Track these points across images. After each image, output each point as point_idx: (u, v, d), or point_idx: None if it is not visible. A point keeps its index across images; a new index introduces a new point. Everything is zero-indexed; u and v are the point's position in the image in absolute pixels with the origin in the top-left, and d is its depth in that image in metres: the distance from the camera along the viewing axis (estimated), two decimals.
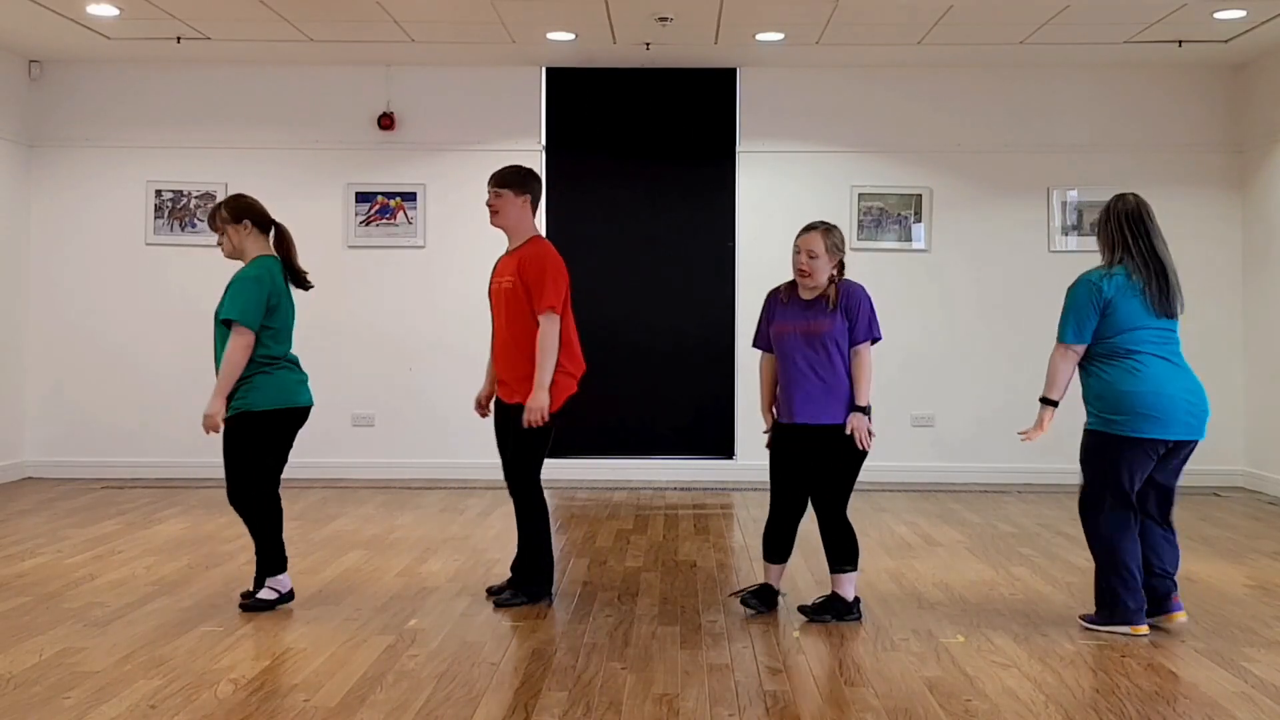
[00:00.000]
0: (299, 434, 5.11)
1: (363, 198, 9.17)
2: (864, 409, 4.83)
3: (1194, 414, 4.65)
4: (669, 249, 9.28)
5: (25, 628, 4.71)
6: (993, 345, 9.11)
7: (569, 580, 5.68)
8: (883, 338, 4.96)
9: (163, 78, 9.15)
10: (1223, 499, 8.33)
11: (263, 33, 8.22)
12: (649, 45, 8.49)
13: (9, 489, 8.51)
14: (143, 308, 9.14)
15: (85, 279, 9.17)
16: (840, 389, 4.84)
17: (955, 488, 8.77)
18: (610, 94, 9.25)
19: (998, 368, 9.07)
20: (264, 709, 3.78)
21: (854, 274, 5.13)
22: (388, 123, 9.11)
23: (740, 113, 9.19)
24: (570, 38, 8.33)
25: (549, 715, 3.74)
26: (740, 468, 8.96)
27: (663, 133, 9.25)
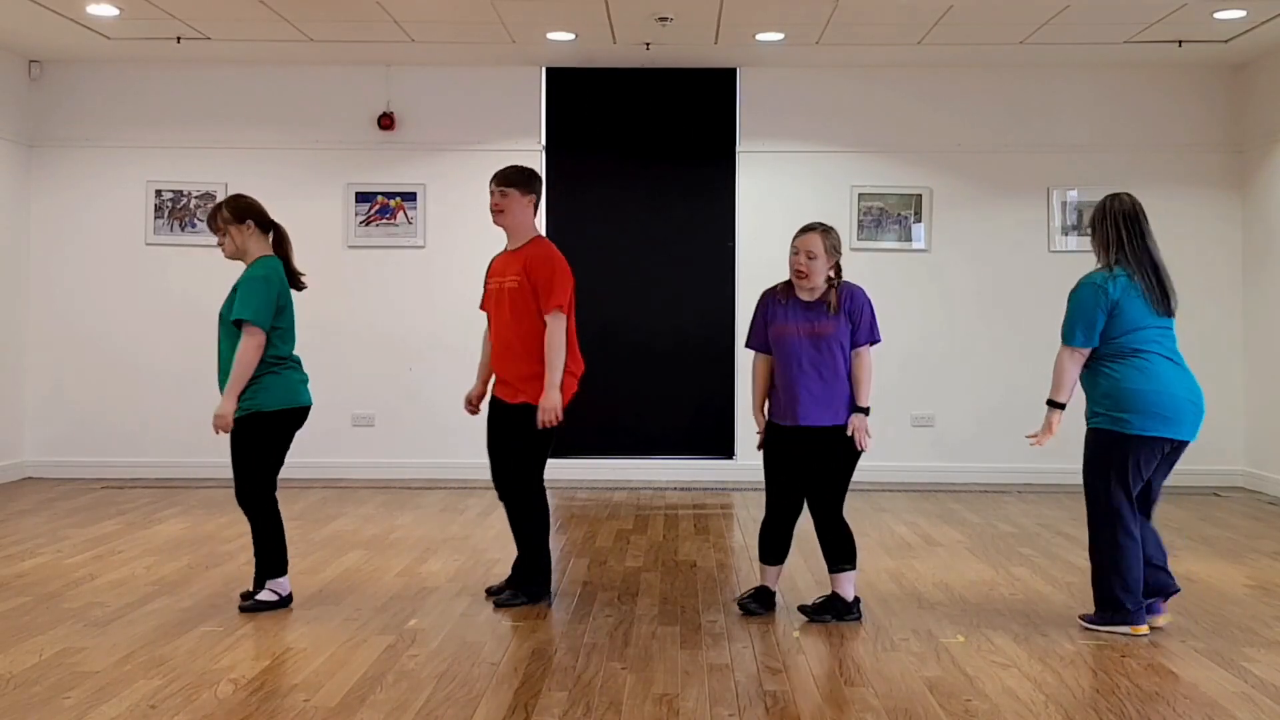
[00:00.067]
0: (298, 434, 5.11)
1: (363, 198, 9.17)
2: (865, 410, 4.88)
3: (1198, 414, 4.68)
4: (669, 249, 9.28)
5: (25, 628, 4.71)
6: (993, 345, 9.11)
7: (569, 580, 5.68)
8: (881, 340, 4.99)
9: (163, 78, 9.15)
10: (1223, 499, 8.33)
11: (263, 33, 8.22)
12: (649, 45, 8.49)
13: (9, 489, 8.51)
14: (143, 308, 9.14)
15: (85, 279, 9.16)
16: (842, 391, 4.88)
17: (955, 488, 8.77)
18: (610, 94, 9.25)
19: (998, 368, 9.08)
20: (264, 709, 3.78)
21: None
22: (388, 123, 9.11)
23: (740, 113, 9.19)
24: (570, 38, 8.33)
25: (549, 715, 3.74)
26: (740, 468, 8.96)
27: (663, 133, 9.25)
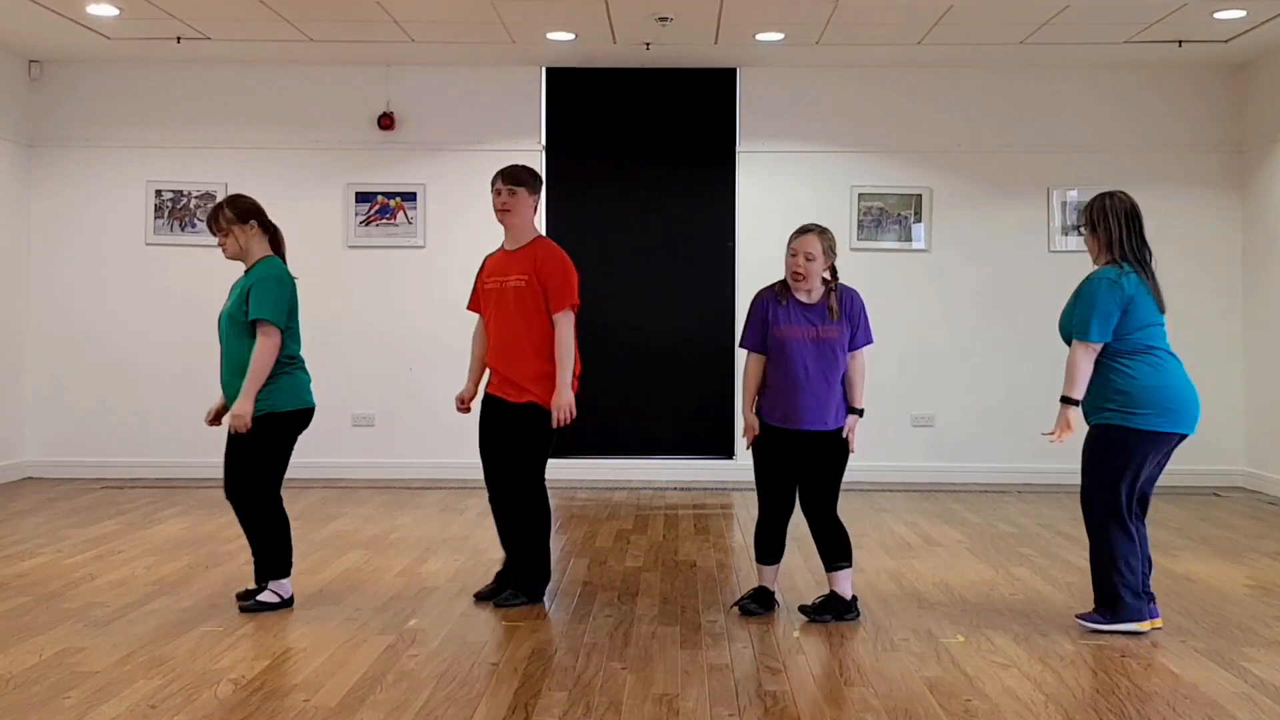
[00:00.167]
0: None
1: (363, 198, 9.17)
2: (860, 412, 4.96)
3: (1198, 408, 4.72)
4: (669, 249, 9.28)
5: (25, 628, 4.71)
6: (992, 345, 9.11)
7: (569, 580, 5.68)
8: (874, 341, 5.07)
9: (163, 78, 9.15)
10: (1223, 499, 8.33)
11: (263, 33, 8.22)
12: (649, 45, 8.49)
13: (9, 489, 8.51)
14: (143, 308, 9.14)
15: (85, 279, 9.16)
16: (840, 394, 4.94)
17: (955, 488, 8.77)
18: (610, 94, 9.25)
19: (998, 367, 9.08)
20: (264, 709, 3.78)
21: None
22: (388, 123, 9.11)
23: (740, 113, 9.19)
24: (570, 38, 8.33)
25: (549, 715, 3.74)
26: (740, 468, 8.95)
27: (663, 133, 9.25)
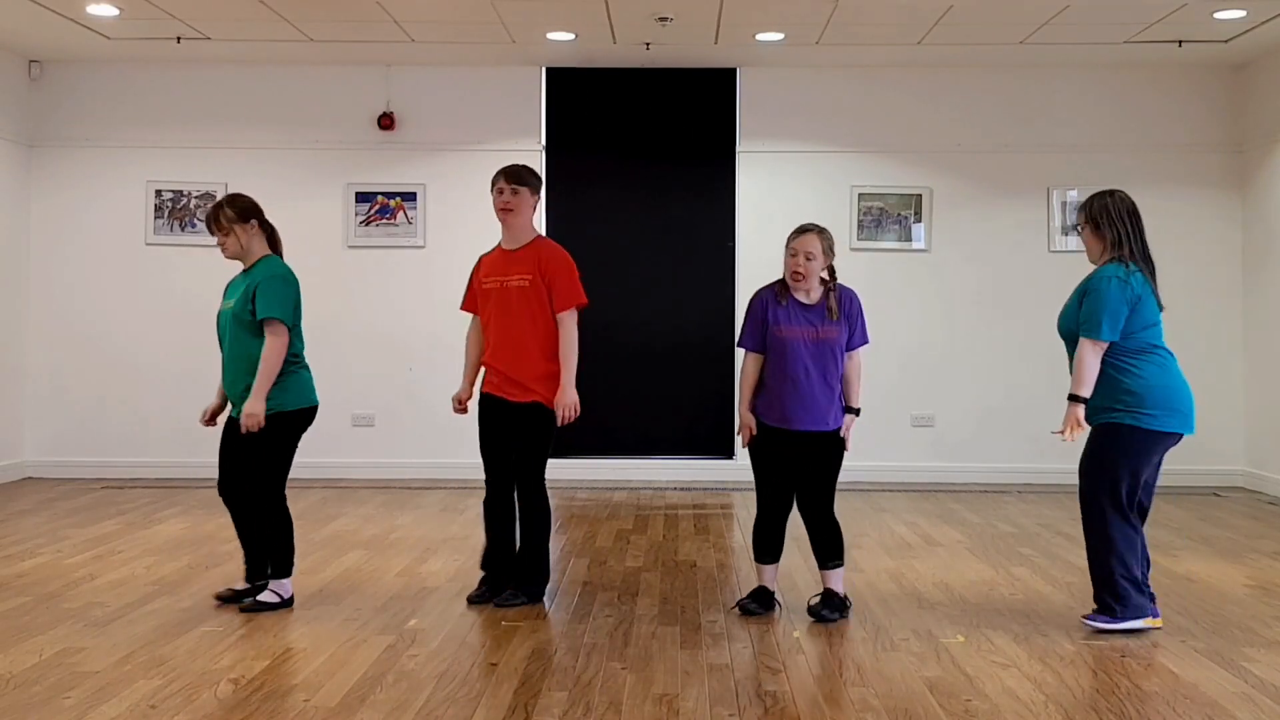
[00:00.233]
0: None
1: (363, 198, 9.17)
2: (857, 411, 5.00)
3: (1194, 407, 4.72)
4: (669, 249, 9.28)
5: (25, 628, 4.71)
6: (992, 345, 9.11)
7: (569, 580, 5.68)
8: (870, 342, 5.09)
9: (163, 78, 9.15)
10: (1223, 499, 8.33)
11: (263, 33, 8.22)
12: (649, 45, 8.49)
13: (9, 489, 8.51)
14: (143, 308, 9.13)
15: (85, 279, 9.16)
16: (838, 394, 4.96)
17: (955, 488, 8.77)
18: (610, 94, 9.25)
19: (997, 367, 9.08)
20: (264, 709, 3.78)
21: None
22: (388, 123, 9.11)
23: (740, 113, 9.19)
24: (570, 38, 8.33)
25: (549, 715, 3.74)
26: (740, 468, 8.92)
27: (663, 133, 9.25)
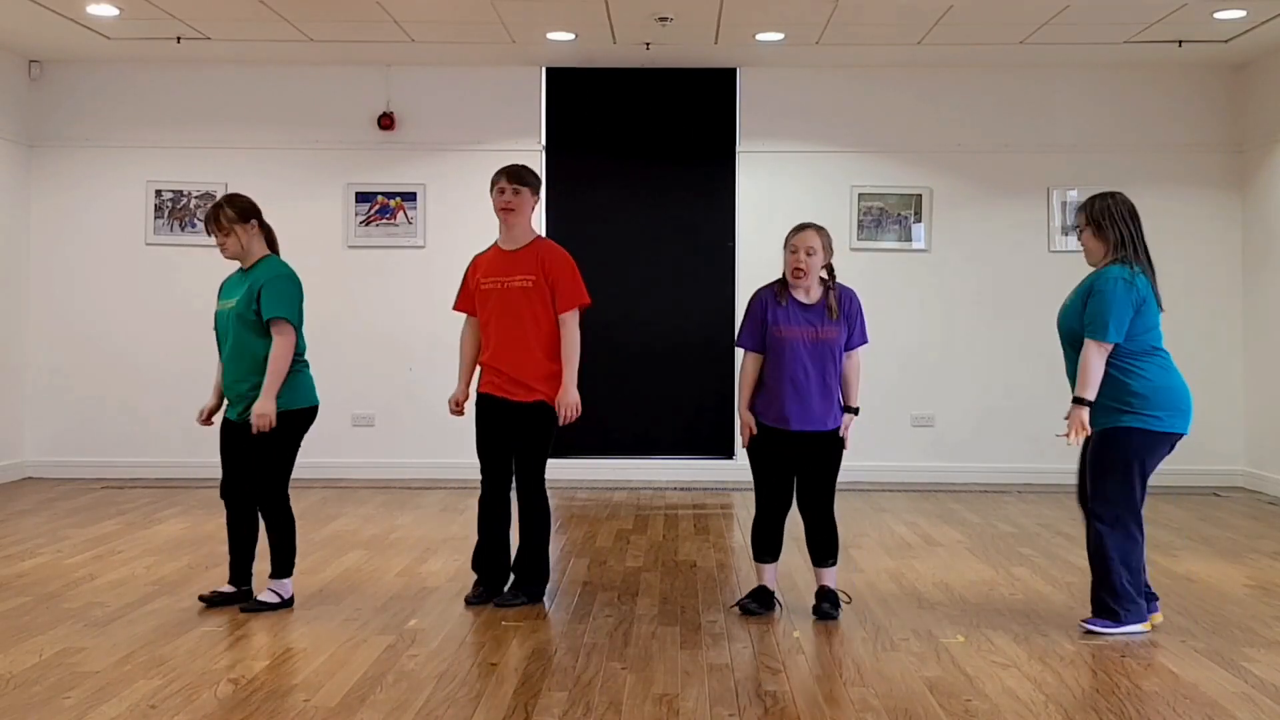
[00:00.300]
0: None
1: (363, 198, 9.17)
2: (855, 410, 5.02)
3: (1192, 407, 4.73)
4: (669, 249, 9.28)
5: (25, 628, 4.71)
6: (992, 345, 9.10)
7: (569, 580, 5.68)
8: (869, 341, 5.10)
9: (163, 78, 9.15)
10: (1223, 499, 8.33)
11: (263, 33, 8.22)
12: (649, 45, 8.49)
13: (9, 489, 8.51)
14: (143, 308, 9.13)
15: (85, 279, 9.16)
16: (838, 394, 4.97)
17: (955, 488, 8.77)
18: (610, 94, 9.25)
19: (997, 368, 9.07)
20: (264, 709, 3.78)
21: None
22: (388, 123, 9.11)
23: (740, 113, 9.19)
24: (570, 38, 8.33)
25: (549, 715, 3.74)
26: (740, 468, 8.89)
27: (663, 133, 9.25)
